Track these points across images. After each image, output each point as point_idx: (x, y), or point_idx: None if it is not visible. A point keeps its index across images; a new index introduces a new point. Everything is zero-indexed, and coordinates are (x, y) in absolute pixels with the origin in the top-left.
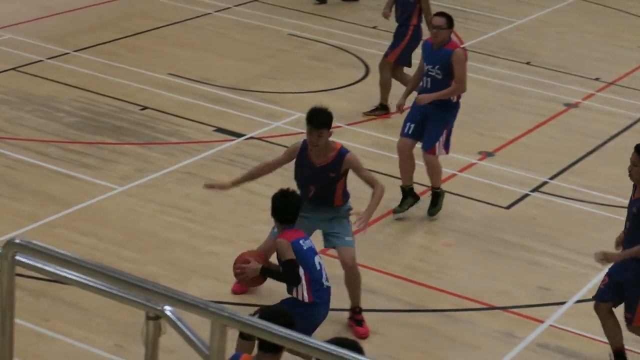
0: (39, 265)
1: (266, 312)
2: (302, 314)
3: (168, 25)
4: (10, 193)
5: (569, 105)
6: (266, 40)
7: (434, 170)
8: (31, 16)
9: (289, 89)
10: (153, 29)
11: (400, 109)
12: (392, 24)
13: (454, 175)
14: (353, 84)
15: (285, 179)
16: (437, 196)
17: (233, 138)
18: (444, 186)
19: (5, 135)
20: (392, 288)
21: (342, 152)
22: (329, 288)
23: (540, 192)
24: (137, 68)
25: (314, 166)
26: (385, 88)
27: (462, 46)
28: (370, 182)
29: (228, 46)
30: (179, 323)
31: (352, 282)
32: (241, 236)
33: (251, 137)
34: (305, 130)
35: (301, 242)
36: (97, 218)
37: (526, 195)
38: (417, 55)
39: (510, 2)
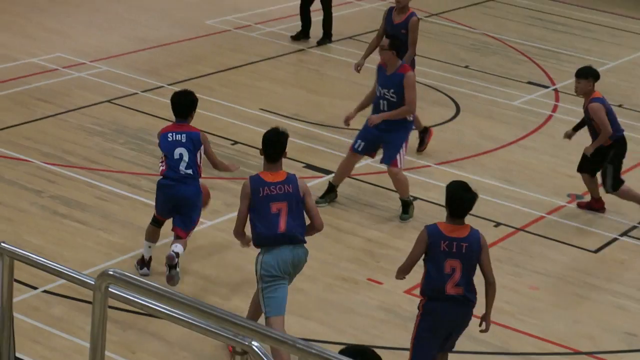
0: (131, 297)
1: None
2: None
3: (262, 60)
4: (102, 224)
5: None
6: (359, 77)
7: (399, 182)
8: (128, 49)
9: None
10: (247, 64)
11: (347, 122)
12: (484, 64)
13: (542, 217)
14: (444, 122)
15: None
16: (407, 205)
17: (322, 175)
18: (532, 228)
19: (98, 167)
20: (477, 329)
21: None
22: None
23: (629, 236)
24: (229, 102)
25: None
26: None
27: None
28: None
29: (320, 83)
30: (265, 359)
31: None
32: (327, 273)
33: None
34: None
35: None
36: (186, 251)
37: (615, 239)
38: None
39: (603, 43)
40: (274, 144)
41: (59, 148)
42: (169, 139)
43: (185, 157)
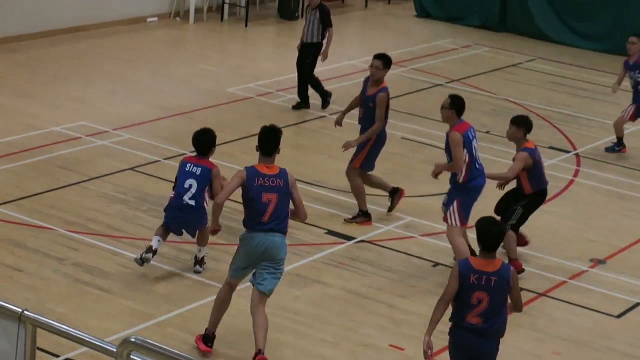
0: None
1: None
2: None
3: (284, 127)
4: (124, 292)
5: None
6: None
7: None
8: (151, 117)
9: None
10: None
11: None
12: (505, 129)
13: (565, 282)
14: None
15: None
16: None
17: (344, 241)
18: (554, 293)
19: (121, 235)
20: None
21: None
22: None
23: None
24: None
25: None
26: (359, 195)
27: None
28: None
29: (341, 150)
30: None
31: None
32: (350, 339)
33: (362, 241)
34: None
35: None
36: (208, 318)
37: (638, 304)
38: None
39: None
40: (270, 139)
41: (82, 216)
42: (186, 169)
43: (193, 189)
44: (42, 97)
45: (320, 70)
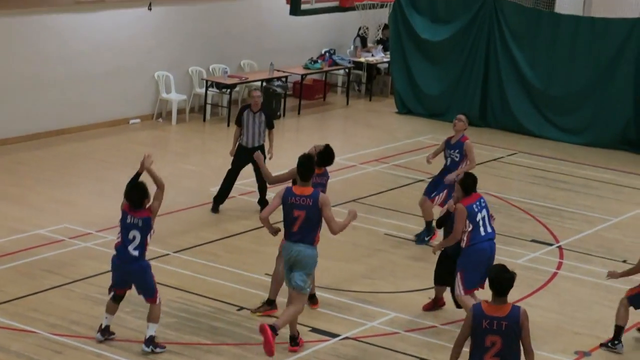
0: None
1: None
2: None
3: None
4: None
5: None
6: (363, 239)
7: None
8: None
9: (385, 289)
10: (251, 230)
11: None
12: None
13: None
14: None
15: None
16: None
17: (328, 338)
18: None
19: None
20: None
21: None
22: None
23: None
24: (234, 268)
25: None
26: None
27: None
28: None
29: (325, 246)
30: None
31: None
32: None
33: (346, 337)
34: None
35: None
36: None
37: None
38: None
39: (605, 199)
40: (305, 166)
41: (66, 318)
42: (127, 221)
43: (137, 241)
44: (26, 200)
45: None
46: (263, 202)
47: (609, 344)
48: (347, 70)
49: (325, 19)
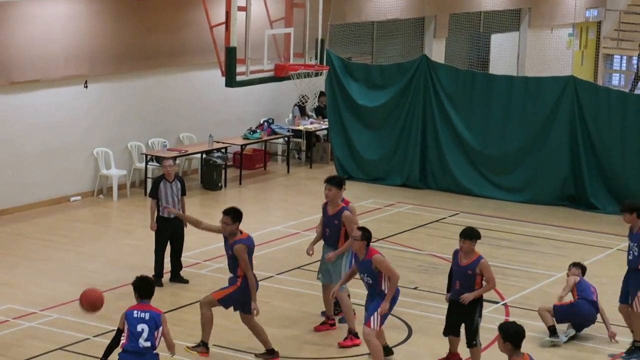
0: None
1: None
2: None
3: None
4: None
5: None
6: (309, 307)
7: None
8: (77, 295)
9: (333, 354)
10: (196, 302)
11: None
12: (433, 284)
13: None
14: (397, 345)
15: None
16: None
17: None
18: None
19: None
20: None
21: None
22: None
23: None
24: (182, 341)
25: None
26: (207, 326)
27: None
28: None
29: (272, 315)
30: None
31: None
32: None
33: None
34: None
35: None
36: None
37: None
38: None
39: (548, 255)
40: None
41: None
42: (134, 316)
43: (145, 333)
44: None
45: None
46: (177, 277)
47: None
48: (286, 138)
49: (262, 89)
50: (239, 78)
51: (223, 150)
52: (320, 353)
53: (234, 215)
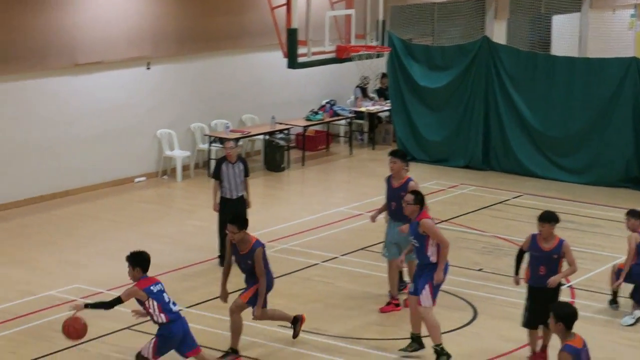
0: None
1: None
2: (167, 330)
3: (277, 277)
4: None
5: None
6: (373, 287)
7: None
8: None
9: (398, 335)
10: None
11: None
12: (497, 266)
13: None
14: (462, 327)
15: None
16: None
17: None
18: None
19: None
20: None
21: None
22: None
23: None
24: (247, 321)
25: None
26: (235, 333)
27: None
28: None
29: (336, 296)
30: None
31: None
32: None
33: None
34: None
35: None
36: None
37: None
38: None
39: (613, 238)
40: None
41: None
42: (154, 290)
43: (170, 299)
44: (35, 263)
45: (309, 219)
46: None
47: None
48: (348, 120)
49: (323, 70)
50: (300, 59)
51: (285, 131)
52: (384, 334)
53: (239, 223)
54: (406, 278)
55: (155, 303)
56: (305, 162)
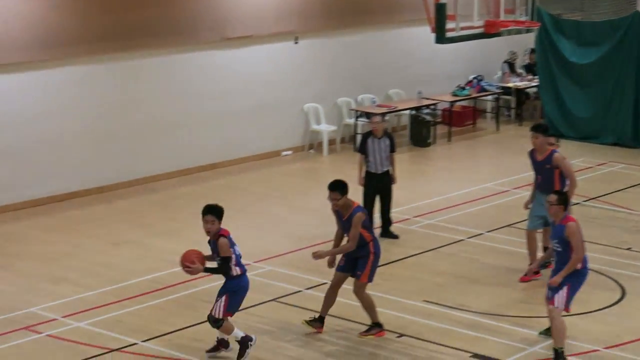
0: None
1: None
2: (238, 284)
3: (422, 252)
4: None
5: None
6: (519, 264)
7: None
8: (289, 248)
9: (544, 313)
10: (408, 257)
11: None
12: None
13: None
14: (610, 306)
15: None
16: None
17: None
18: None
19: None
20: None
21: None
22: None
23: None
24: (392, 296)
25: None
26: (371, 308)
27: None
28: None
29: (481, 272)
30: None
31: None
32: None
33: None
34: None
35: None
36: None
37: None
38: None
39: None
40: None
41: (229, 349)
42: (234, 242)
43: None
44: (184, 234)
45: (455, 195)
46: (387, 233)
47: None
48: (495, 96)
49: (470, 45)
50: (448, 34)
51: (432, 106)
52: (531, 311)
53: (340, 189)
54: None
55: (234, 255)
56: (451, 137)
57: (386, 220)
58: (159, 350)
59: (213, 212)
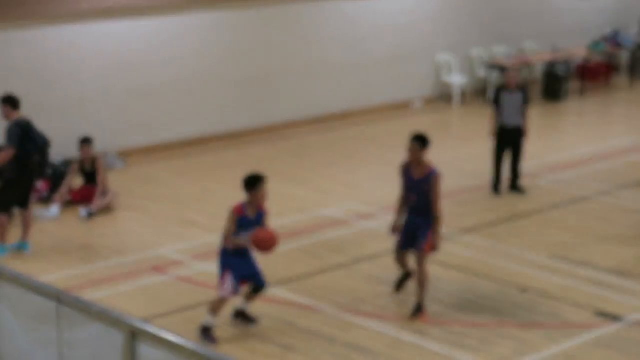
0: None
1: None
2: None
3: (549, 208)
4: None
5: None
6: None
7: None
8: None
9: None
10: (534, 214)
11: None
12: None
13: None
14: None
15: None
16: None
17: (614, 322)
18: None
19: (389, 315)
20: None
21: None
22: None
23: None
24: (518, 251)
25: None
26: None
27: None
28: None
29: (610, 228)
30: None
31: None
32: None
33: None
34: None
35: None
36: None
37: None
38: None
39: None
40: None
41: (351, 297)
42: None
43: None
44: (312, 182)
45: (585, 151)
46: (515, 187)
47: None
48: (632, 51)
49: None
50: None
51: (566, 61)
52: None
53: (421, 142)
54: None
55: None
56: (584, 93)
57: (515, 175)
58: (282, 296)
59: None
